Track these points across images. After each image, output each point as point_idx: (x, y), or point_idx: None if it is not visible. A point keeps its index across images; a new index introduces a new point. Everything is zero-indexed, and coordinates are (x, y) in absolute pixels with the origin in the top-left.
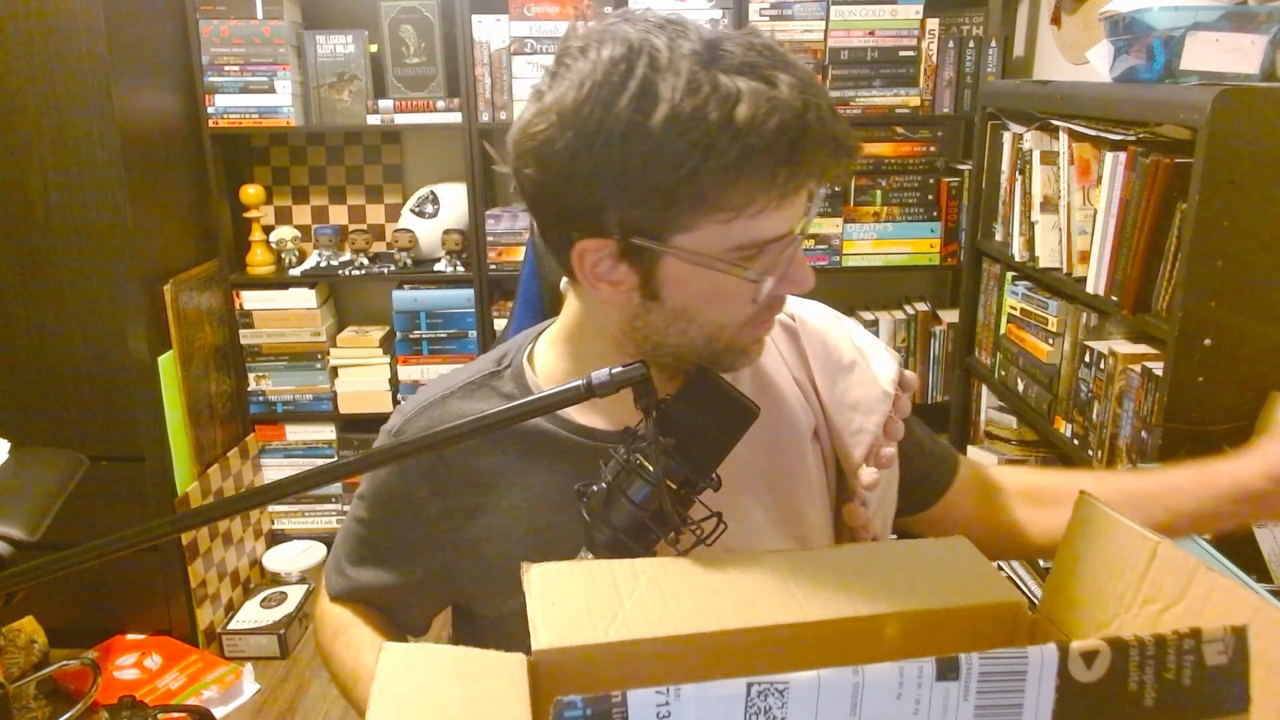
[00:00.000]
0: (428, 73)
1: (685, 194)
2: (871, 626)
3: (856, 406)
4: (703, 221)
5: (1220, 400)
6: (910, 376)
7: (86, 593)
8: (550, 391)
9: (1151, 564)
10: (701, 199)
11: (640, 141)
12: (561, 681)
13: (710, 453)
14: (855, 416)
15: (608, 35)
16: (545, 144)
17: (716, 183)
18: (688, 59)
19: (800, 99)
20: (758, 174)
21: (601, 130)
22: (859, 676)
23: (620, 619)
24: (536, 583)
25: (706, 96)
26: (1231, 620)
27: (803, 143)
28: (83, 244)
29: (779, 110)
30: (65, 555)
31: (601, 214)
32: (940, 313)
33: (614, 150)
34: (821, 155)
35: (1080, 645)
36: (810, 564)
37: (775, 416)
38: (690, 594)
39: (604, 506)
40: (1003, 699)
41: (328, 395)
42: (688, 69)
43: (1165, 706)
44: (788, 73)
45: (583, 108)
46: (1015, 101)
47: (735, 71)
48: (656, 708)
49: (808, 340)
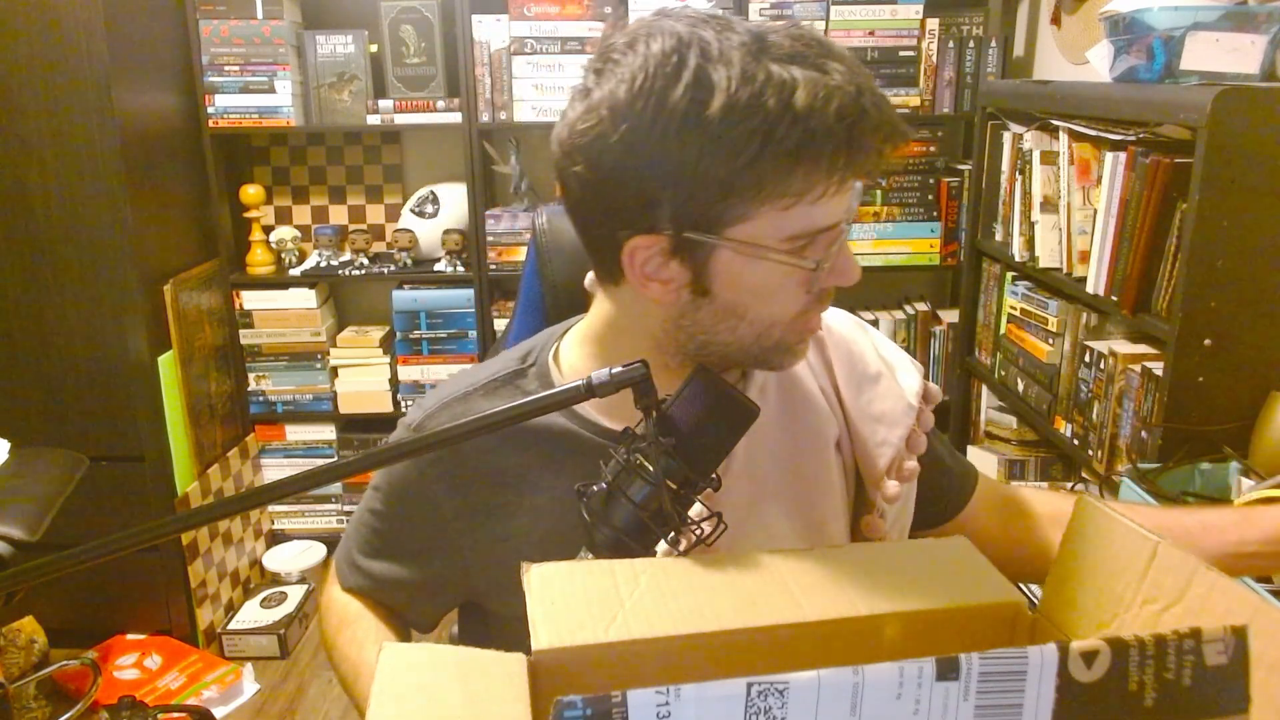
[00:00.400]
0: (428, 73)
1: (743, 183)
2: (871, 626)
3: (881, 418)
4: (760, 210)
5: (1220, 400)
6: (934, 390)
7: (86, 593)
8: (551, 391)
9: (1151, 564)
10: (760, 187)
11: (697, 132)
12: (561, 681)
13: (710, 453)
14: (880, 428)
15: (655, 30)
16: (596, 140)
17: (776, 170)
18: (738, 50)
19: (854, 85)
20: (817, 159)
21: (657, 123)
22: (859, 676)
23: (620, 619)
24: (536, 583)
25: (762, 85)
26: (1231, 620)
27: (860, 127)
28: (83, 244)
29: (836, 96)
30: (65, 555)
31: (655, 209)
32: (940, 313)
33: (670, 143)
34: (878, 140)
35: (1080, 645)
36: (810, 564)
37: (802, 424)
38: (690, 594)
39: (604, 506)
40: (1003, 699)
41: (328, 395)
42: (740, 59)
43: (1165, 707)
44: (838, 61)
45: (636, 102)
46: (1015, 101)
47: (787, 60)
48: (656, 708)
49: (833, 348)
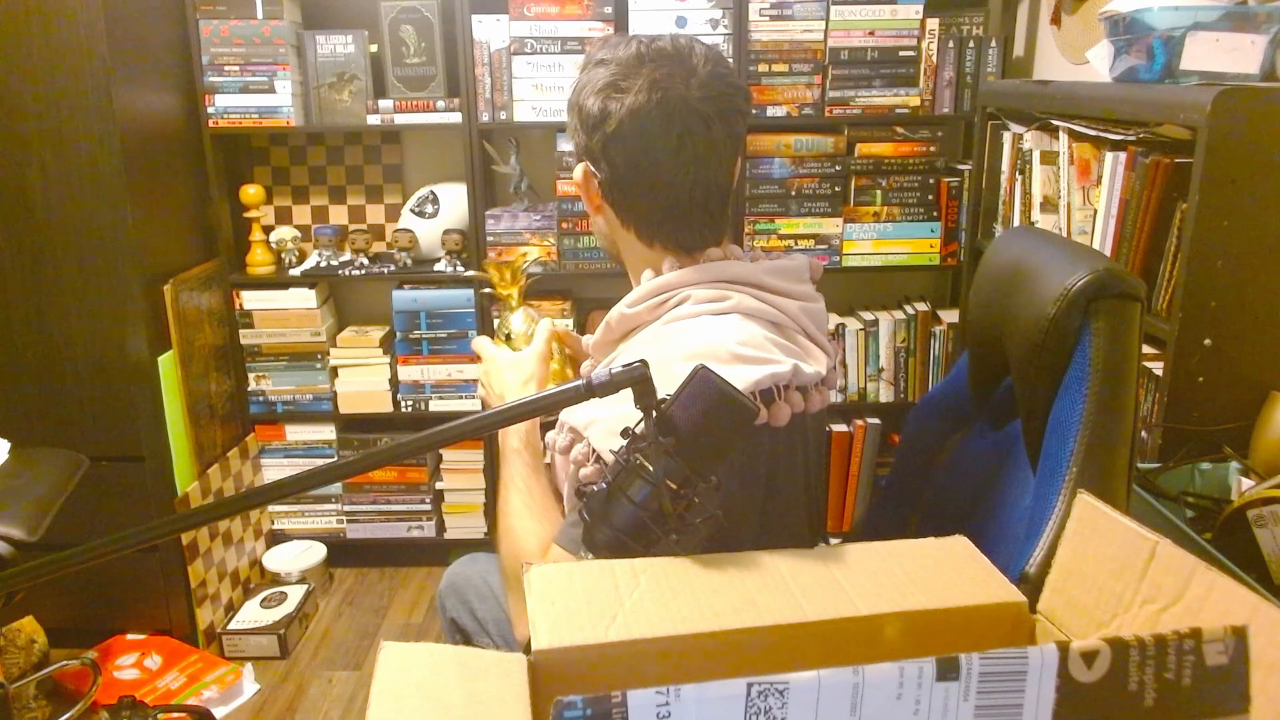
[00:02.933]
0: (428, 73)
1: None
2: (871, 626)
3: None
4: None
5: (1220, 400)
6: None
7: (86, 593)
8: (551, 391)
9: (1151, 564)
10: None
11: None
12: (561, 681)
13: (710, 453)
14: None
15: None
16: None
17: None
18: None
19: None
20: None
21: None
22: (859, 676)
23: (620, 619)
24: (536, 583)
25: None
26: (1231, 620)
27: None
28: (83, 244)
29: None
30: (65, 555)
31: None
32: (940, 313)
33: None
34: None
35: (1080, 645)
36: (810, 564)
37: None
38: (690, 594)
39: (604, 506)
40: (1003, 699)
41: (328, 395)
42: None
43: (1165, 707)
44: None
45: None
46: (1015, 101)
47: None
48: (656, 708)
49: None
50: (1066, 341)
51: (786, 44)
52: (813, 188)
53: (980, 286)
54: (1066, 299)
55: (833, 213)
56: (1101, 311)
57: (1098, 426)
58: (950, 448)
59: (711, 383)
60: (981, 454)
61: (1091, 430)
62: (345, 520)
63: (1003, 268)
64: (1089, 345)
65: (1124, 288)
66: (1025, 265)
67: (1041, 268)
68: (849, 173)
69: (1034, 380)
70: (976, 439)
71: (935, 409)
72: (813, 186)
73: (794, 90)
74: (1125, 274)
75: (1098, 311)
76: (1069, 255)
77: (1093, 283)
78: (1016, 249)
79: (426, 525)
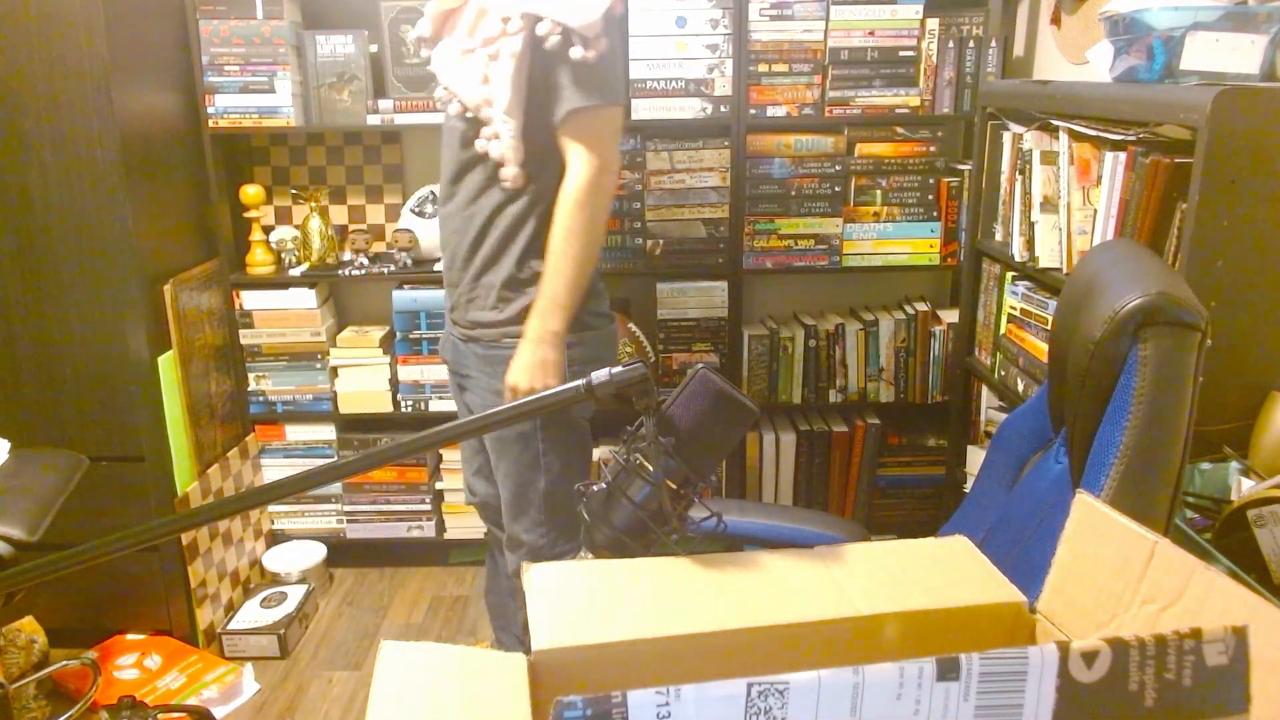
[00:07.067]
0: (428, 73)
1: None
2: (871, 626)
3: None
4: None
5: (1220, 400)
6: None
7: (86, 593)
8: (551, 390)
9: (1150, 564)
10: None
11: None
12: (561, 681)
13: (710, 453)
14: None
15: None
16: None
17: None
18: None
19: None
20: None
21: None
22: (859, 676)
23: (620, 619)
24: (536, 583)
25: None
26: (1230, 620)
27: None
28: (83, 244)
29: None
30: (65, 555)
31: None
32: (940, 313)
33: None
34: None
35: (1080, 645)
36: (810, 564)
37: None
38: (690, 594)
39: (604, 506)
40: (1003, 699)
41: (328, 395)
42: None
43: (1165, 707)
44: None
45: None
46: (1015, 101)
47: None
48: (656, 708)
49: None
50: (1112, 368)
51: (786, 44)
52: (813, 188)
53: (1062, 301)
54: (1114, 322)
55: (833, 213)
56: (1151, 338)
57: (1133, 463)
58: (1029, 467)
59: (711, 383)
60: (1053, 476)
61: (1126, 466)
62: (345, 520)
63: (1080, 283)
64: (1134, 374)
65: (1179, 315)
66: (1097, 281)
67: (1105, 286)
68: (849, 173)
69: (1079, 406)
70: (1051, 461)
71: (1020, 426)
72: (813, 186)
73: (794, 90)
74: (1184, 300)
75: (1147, 338)
76: (1131, 274)
77: (1142, 307)
78: (1096, 264)
79: (426, 525)
